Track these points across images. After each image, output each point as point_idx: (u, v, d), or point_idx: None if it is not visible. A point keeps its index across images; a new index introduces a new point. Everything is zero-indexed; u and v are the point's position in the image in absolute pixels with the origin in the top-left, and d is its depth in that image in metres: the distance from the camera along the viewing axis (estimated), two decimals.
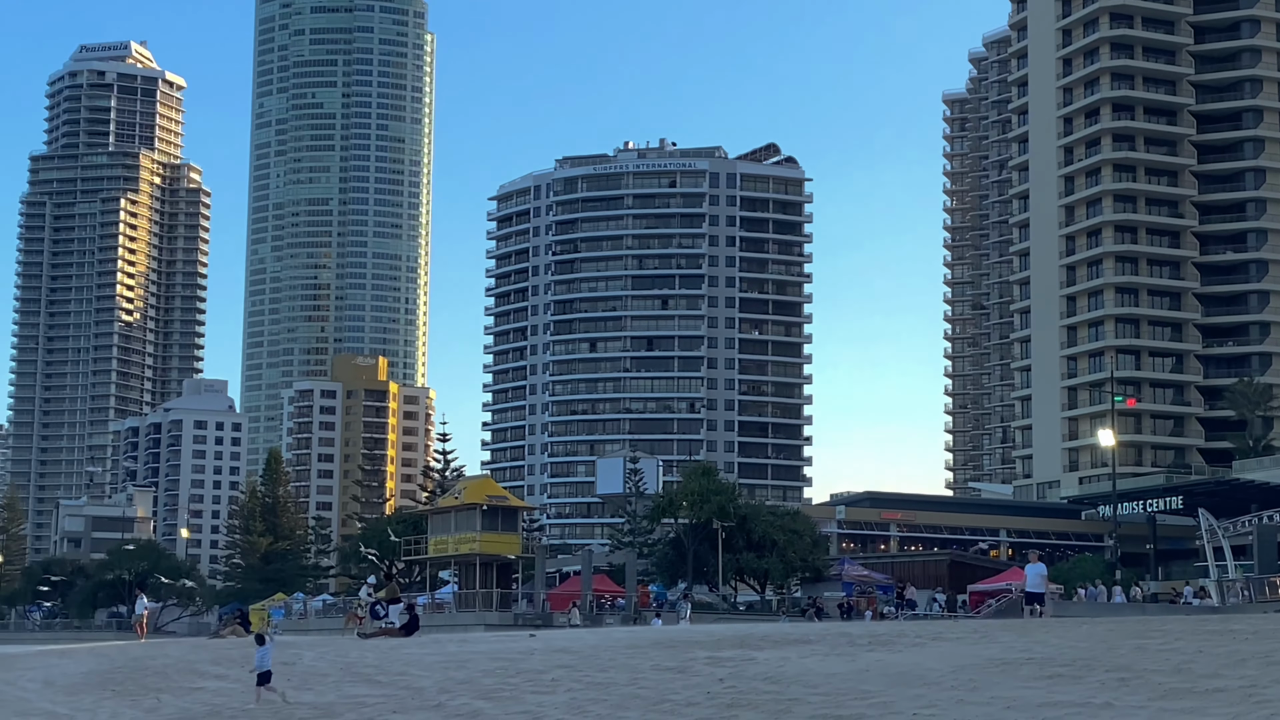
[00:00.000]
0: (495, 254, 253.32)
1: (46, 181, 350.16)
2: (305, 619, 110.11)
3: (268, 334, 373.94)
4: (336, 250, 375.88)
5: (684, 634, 42.60)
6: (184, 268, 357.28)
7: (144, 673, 39.34)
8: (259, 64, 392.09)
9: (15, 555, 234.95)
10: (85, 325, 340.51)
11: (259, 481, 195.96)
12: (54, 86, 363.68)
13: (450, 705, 26.90)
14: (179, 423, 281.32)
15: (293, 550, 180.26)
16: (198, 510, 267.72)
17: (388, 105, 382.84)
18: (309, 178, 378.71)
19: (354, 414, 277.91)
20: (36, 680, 40.90)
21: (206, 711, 30.58)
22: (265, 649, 31.09)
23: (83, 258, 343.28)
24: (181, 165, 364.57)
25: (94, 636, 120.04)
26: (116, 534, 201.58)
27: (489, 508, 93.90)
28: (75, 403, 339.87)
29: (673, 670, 28.72)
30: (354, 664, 36.14)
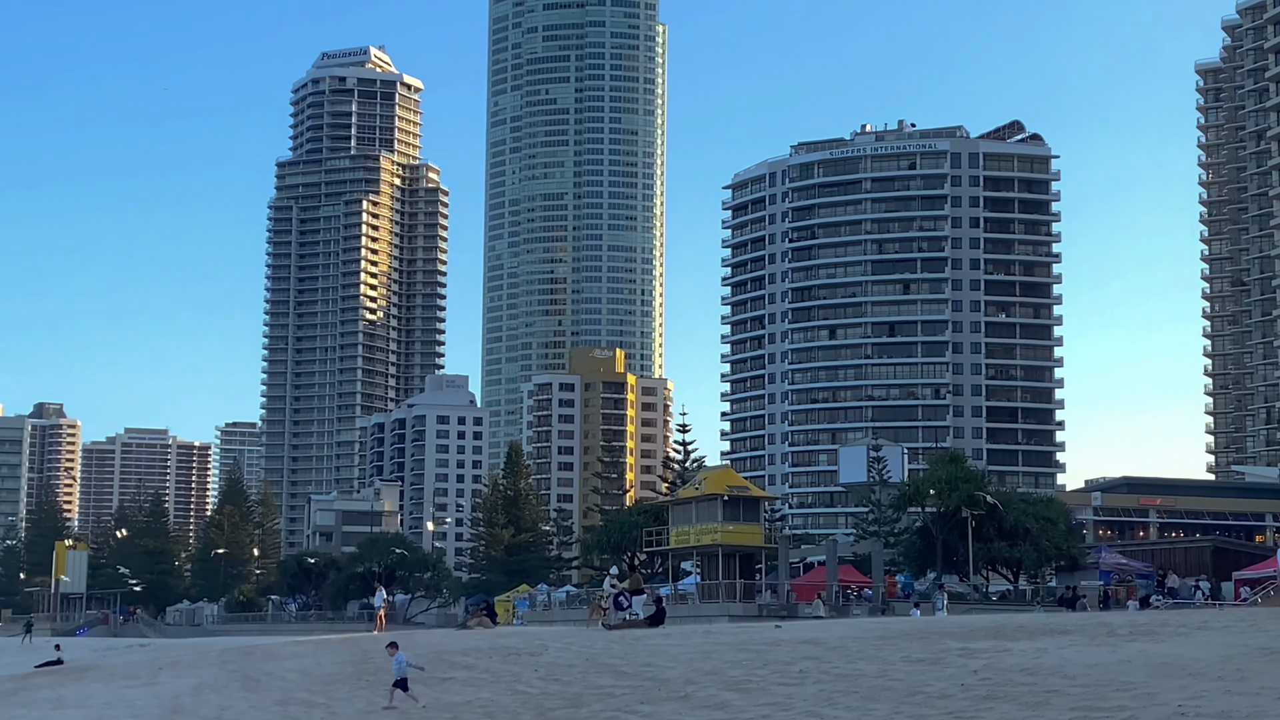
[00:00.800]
0: (731, 243, 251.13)
1: (292, 186, 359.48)
2: (549, 610, 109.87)
3: (506, 329, 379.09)
4: (572, 244, 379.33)
5: (935, 625, 42.46)
6: (424, 266, 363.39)
7: None
8: (493, 62, 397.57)
9: (270, 549, 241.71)
10: (331, 325, 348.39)
11: (501, 475, 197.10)
12: (298, 94, 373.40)
13: (697, 696, 27.02)
14: (422, 418, 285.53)
15: (535, 542, 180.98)
16: (442, 504, 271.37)
17: (620, 98, 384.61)
18: (544, 173, 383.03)
19: (593, 406, 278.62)
20: (294, 670, 41.64)
21: (459, 701, 30.89)
22: (399, 656, 32.18)
23: (328, 259, 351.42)
24: (420, 166, 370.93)
25: (346, 628, 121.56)
26: (365, 527, 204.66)
27: (730, 498, 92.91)
28: (323, 400, 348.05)
29: (924, 662, 28.65)
30: (599, 655, 36.18)
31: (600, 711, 26.76)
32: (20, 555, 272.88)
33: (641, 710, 26.16)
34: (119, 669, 51.53)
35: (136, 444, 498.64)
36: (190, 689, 40.97)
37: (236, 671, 43.96)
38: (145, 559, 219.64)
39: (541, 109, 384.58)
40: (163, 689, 42.06)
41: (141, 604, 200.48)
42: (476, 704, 30.14)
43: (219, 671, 44.47)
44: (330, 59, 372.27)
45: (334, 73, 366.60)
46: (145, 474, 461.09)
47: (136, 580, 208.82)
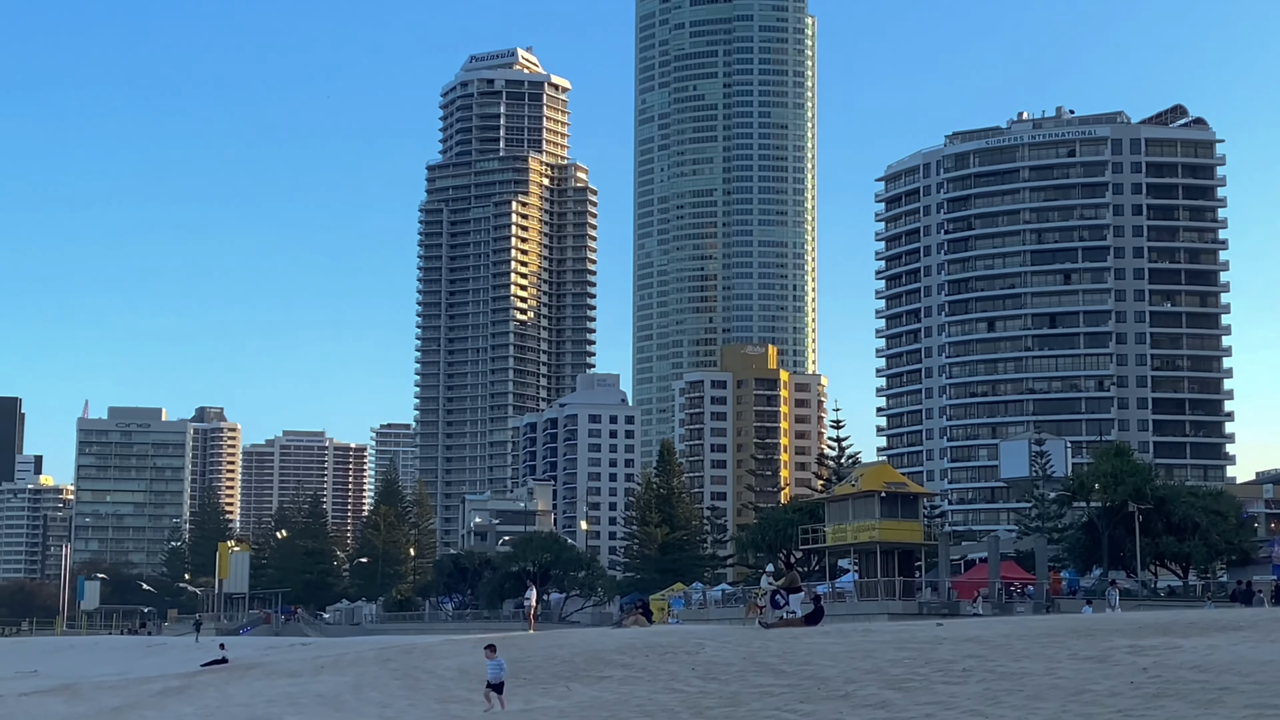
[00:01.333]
0: (884, 235, 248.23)
1: (442, 189, 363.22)
2: (705, 609, 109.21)
3: (656, 327, 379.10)
4: (722, 240, 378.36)
5: (1102, 622, 41.52)
6: (574, 265, 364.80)
7: (552, 662, 39.85)
8: (640, 60, 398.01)
9: (426, 549, 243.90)
10: (483, 326, 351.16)
11: (653, 473, 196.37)
12: (446, 97, 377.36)
13: (858, 695, 26.67)
14: (574, 417, 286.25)
15: (689, 540, 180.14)
16: (595, 502, 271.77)
17: (769, 92, 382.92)
18: (692, 170, 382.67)
19: (745, 403, 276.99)
20: (453, 669, 41.71)
21: (614, 700, 30.80)
22: (497, 661, 32.60)
23: (478, 260, 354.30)
24: (568, 165, 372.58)
25: (502, 626, 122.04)
26: (519, 527, 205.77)
27: (887, 494, 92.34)
28: (476, 401, 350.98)
29: (1092, 660, 28.13)
30: (757, 654, 35.61)
31: (759, 710, 26.48)
32: (185, 556, 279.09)
33: (801, 709, 25.88)
34: (281, 667, 52.28)
35: (294, 446, 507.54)
36: (350, 687, 41.74)
37: (397, 670, 44.16)
38: (304, 559, 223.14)
39: (689, 105, 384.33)
40: (324, 687, 42.87)
41: (302, 604, 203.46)
42: (633, 702, 30.03)
43: (379, 670, 44.78)
44: (478, 61, 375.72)
45: (482, 75, 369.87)
46: (303, 475, 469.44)
47: (295, 580, 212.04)
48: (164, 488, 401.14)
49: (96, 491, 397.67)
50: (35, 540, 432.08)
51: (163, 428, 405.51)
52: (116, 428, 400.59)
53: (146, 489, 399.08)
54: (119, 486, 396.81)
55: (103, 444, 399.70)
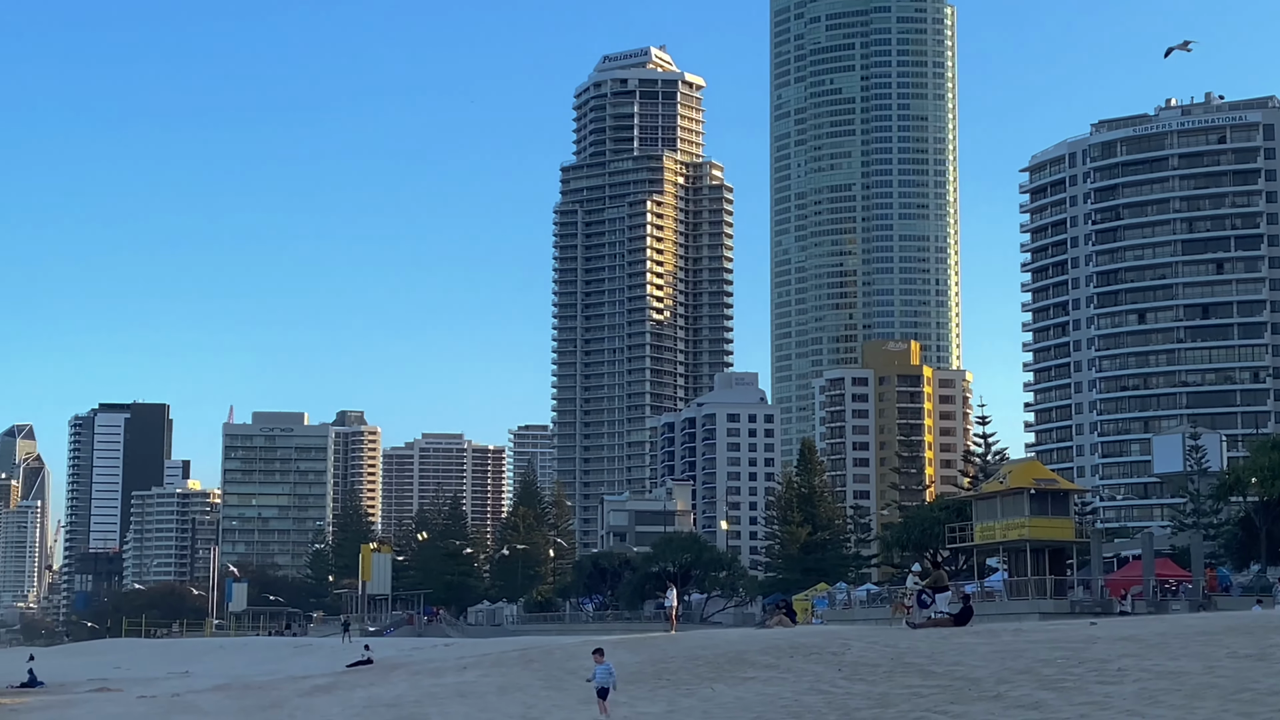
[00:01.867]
0: (1029, 227, 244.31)
1: (577, 190, 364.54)
2: (849, 609, 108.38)
3: (795, 324, 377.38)
4: (861, 235, 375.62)
5: (1262, 620, 40.75)
6: (710, 264, 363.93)
7: (695, 663, 39.55)
8: (775, 55, 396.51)
9: (565, 550, 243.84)
10: (619, 326, 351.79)
11: (794, 472, 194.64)
12: (580, 98, 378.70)
13: (1010, 696, 26.46)
14: (712, 416, 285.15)
15: (832, 540, 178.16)
16: (735, 502, 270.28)
17: (908, 84, 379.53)
18: (830, 165, 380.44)
19: (887, 400, 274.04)
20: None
21: (760, 701, 30.71)
22: (605, 665, 32.28)
23: (613, 261, 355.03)
24: (703, 163, 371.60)
25: (643, 627, 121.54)
26: (659, 527, 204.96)
27: (1037, 491, 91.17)
28: (613, 401, 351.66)
29: (1252, 658, 27.63)
30: (904, 654, 35.29)
31: (908, 712, 26.28)
32: (328, 558, 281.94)
33: (952, 710, 25.70)
34: (425, 668, 52.47)
35: (434, 448, 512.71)
36: (495, 687, 41.75)
37: (540, 670, 44.01)
38: (445, 561, 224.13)
39: (826, 99, 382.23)
40: (468, 687, 42.88)
41: (443, 605, 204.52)
42: (778, 703, 29.87)
43: (522, 670, 44.68)
44: (611, 61, 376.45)
45: (615, 75, 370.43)
46: (442, 477, 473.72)
47: (436, 582, 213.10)
48: (307, 491, 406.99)
49: (242, 495, 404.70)
50: (184, 543, 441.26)
51: (305, 431, 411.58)
52: (260, 432, 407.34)
53: (290, 492, 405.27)
54: (264, 490, 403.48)
55: (247, 448, 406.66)
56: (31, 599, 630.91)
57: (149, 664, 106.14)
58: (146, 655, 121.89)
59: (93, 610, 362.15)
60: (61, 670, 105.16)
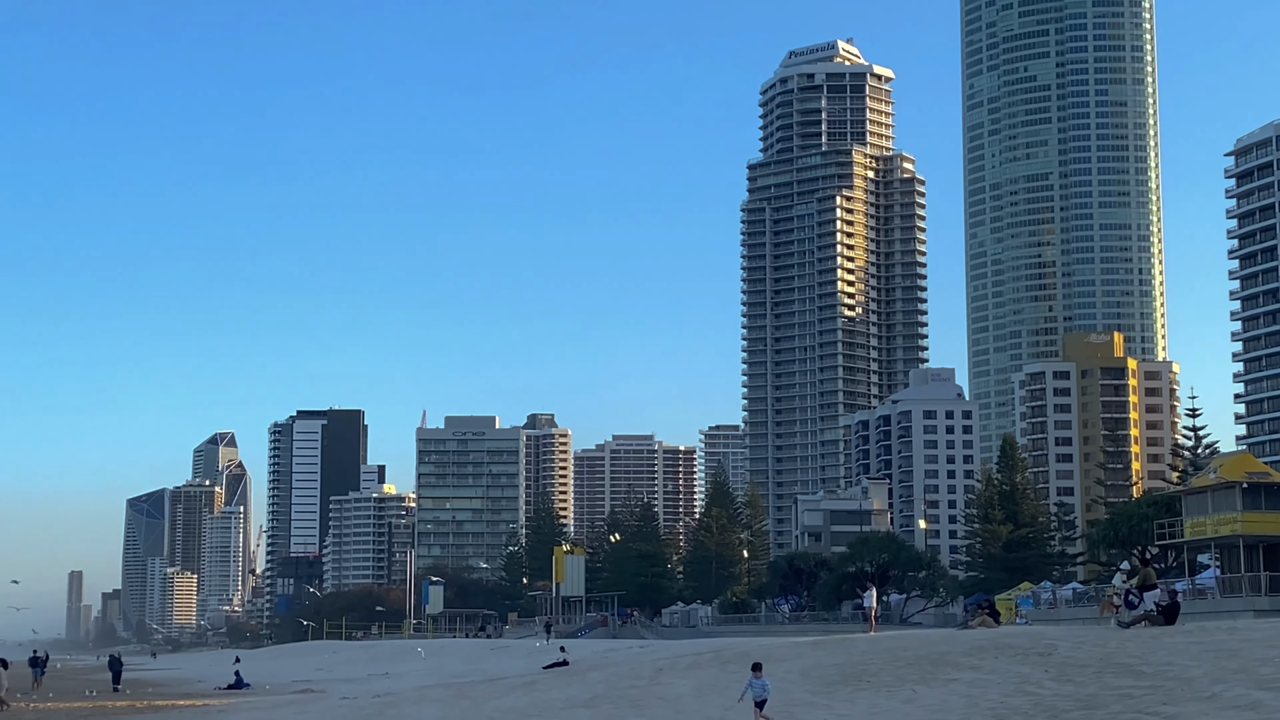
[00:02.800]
0: (1236, 212, 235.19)
1: (764, 187, 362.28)
2: (1055, 608, 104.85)
3: (992, 318, 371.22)
4: (1060, 226, 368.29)
5: None
6: (902, 259, 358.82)
7: (896, 664, 39.06)
8: (967, 44, 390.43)
9: (760, 550, 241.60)
10: (809, 324, 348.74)
11: (995, 469, 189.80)
12: (766, 94, 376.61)
13: (1224, 696, 26.18)
14: (907, 413, 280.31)
15: (1035, 538, 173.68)
16: (933, 500, 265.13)
17: (1105, 69, 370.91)
18: (1025, 154, 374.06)
19: (1090, 394, 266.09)
20: (793, 671, 41.02)
21: (964, 703, 30.43)
22: (763, 681, 32.52)
23: (803, 258, 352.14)
24: (894, 157, 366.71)
25: (840, 628, 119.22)
26: (854, 526, 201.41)
27: (1250, 485, 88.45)
28: (805, 400, 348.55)
29: None
30: (1113, 654, 34.90)
31: (1119, 713, 25.98)
32: (522, 560, 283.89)
33: (1163, 712, 25.53)
34: (621, 669, 51.76)
35: (624, 450, 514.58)
36: (692, 689, 41.11)
37: (737, 672, 42.32)
38: (638, 562, 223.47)
39: (1020, 87, 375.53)
40: (665, 689, 42.31)
41: (636, 606, 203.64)
42: (983, 705, 29.66)
43: (719, 672, 43.59)
44: (798, 56, 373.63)
45: (802, 70, 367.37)
46: (633, 479, 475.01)
47: (629, 583, 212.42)
48: (500, 494, 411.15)
49: (436, 498, 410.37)
50: (381, 547, 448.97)
51: (497, 435, 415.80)
52: (453, 436, 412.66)
53: (483, 495, 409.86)
54: (457, 493, 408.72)
55: (440, 452, 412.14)
56: (236, 602, 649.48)
57: (350, 666, 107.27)
58: (347, 657, 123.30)
59: (294, 613, 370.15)
60: (267, 672, 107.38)
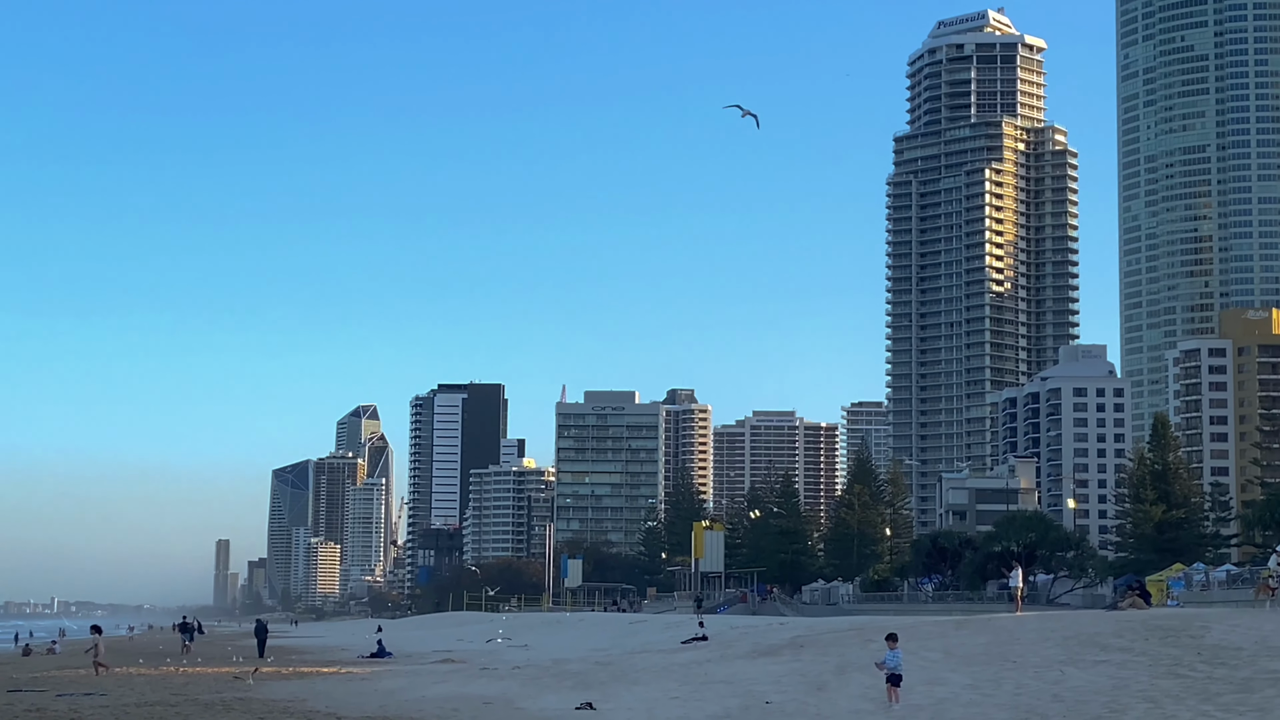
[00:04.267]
0: None
1: (911, 160, 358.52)
2: (1207, 590, 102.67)
3: (1146, 293, 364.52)
4: (1217, 199, 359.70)
5: None
6: (1053, 233, 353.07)
7: (1043, 644, 38.89)
8: (1121, 14, 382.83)
9: (903, 528, 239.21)
10: (956, 299, 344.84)
11: (1146, 448, 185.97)
12: (914, 65, 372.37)
13: None
14: (1057, 391, 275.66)
15: (1188, 519, 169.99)
16: (1082, 479, 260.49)
17: (1266, 38, 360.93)
18: (1182, 125, 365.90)
19: (1246, 372, 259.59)
20: (937, 651, 41.47)
21: (1113, 685, 30.18)
22: (896, 652, 32.28)
23: (950, 232, 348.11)
24: (1045, 129, 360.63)
25: (985, 608, 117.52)
26: (1000, 505, 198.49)
27: None
28: (951, 376, 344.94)
29: None
30: (1269, 637, 34.27)
31: (1274, 698, 25.66)
32: (661, 535, 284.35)
33: None
34: (762, 647, 51.63)
35: (764, 426, 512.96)
36: (833, 668, 40.89)
37: (879, 651, 42.01)
38: (778, 539, 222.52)
39: (1177, 57, 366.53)
40: (805, 666, 42.17)
41: (776, 583, 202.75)
42: (1133, 687, 29.55)
43: (860, 651, 43.43)
44: (947, 26, 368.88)
45: (951, 40, 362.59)
46: (774, 455, 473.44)
47: (769, 560, 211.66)
48: (639, 469, 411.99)
49: (575, 473, 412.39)
50: (520, 520, 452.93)
51: (636, 410, 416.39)
52: (593, 411, 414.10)
53: (622, 470, 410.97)
54: (596, 468, 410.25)
55: (580, 427, 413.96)
56: (378, 573, 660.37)
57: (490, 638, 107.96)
58: (487, 629, 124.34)
59: (435, 584, 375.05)
60: (408, 642, 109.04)
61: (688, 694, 39.04)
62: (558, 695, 42.62)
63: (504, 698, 43.89)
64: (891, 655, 32.10)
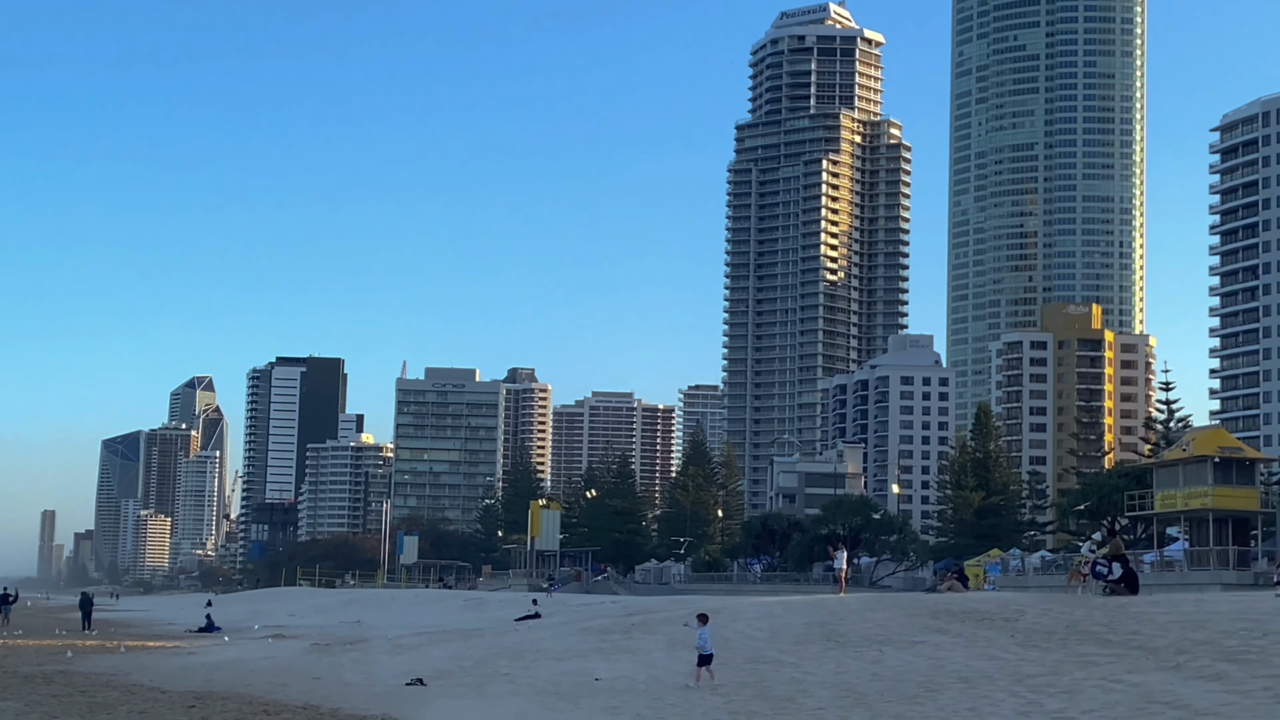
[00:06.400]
0: (1220, 188, 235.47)
1: (751, 149, 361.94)
2: (1023, 575, 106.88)
3: (972, 286, 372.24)
4: (1043, 196, 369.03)
5: None
6: (886, 224, 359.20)
7: (865, 625, 39.82)
8: (957, 11, 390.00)
9: (734, 510, 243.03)
10: (792, 287, 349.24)
11: (969, 436, 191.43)
12: (756, 55, 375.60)
13: (1190, 666, 26.30)
14: (885, 379, 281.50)
15: (1007, 505, 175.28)
16: (907, 466, 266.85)
17: (1095, 40, 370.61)
18: (1012, 123, 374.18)
19: (1066, 365, 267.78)
20: (764, 630, 41.89)
21: (929, 665, 30.70)
22: (704, 630, 32.26)
23: (787, 221, 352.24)
24: (881, 122, 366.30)
25: (811, 589, 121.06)
26: (829, 489, 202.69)
27: (1221, 460, 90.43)
28: (785, 362, 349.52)
29: None
30: (1080, 622, 35.08)
31: (1083, 680, 26.16)
32: (498, 514, 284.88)
33: (1128, 680, 25.59)
34: (594, 624, 52.82)
35: (603, 407, 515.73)
36: (663, 645, 42.11)
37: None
38: (613, 518, 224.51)
39: (1009, 56, 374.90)
40: (635, 643, 43.36)
41: (611, 562, 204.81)
42: (949, 668, 29.95)
43: (689, 631, 43.60)
44: (789, 18, 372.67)
45: (793, 32, 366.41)
46: (612, 436, 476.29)
47: (604, 539, 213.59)
48: (478, 447, 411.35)
49: (414, 450, 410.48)
50: (357, 496, 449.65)
51: (477, 388, 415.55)
52: (433, 388, 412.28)
53: (461, 448, 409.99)
54: (435, 445, 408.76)
55: (420, 404, 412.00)
56: (210, 547, 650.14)
57: (322, 613, 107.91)
58: (320, 605, 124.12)
59: (268, 559, 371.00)
60: (239, 616, 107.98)
61: (519, 670, 39.59)
62: (390, 671, 43.16)
63: (334, 672, 44.29)
64: (701, 634, 32.25)
